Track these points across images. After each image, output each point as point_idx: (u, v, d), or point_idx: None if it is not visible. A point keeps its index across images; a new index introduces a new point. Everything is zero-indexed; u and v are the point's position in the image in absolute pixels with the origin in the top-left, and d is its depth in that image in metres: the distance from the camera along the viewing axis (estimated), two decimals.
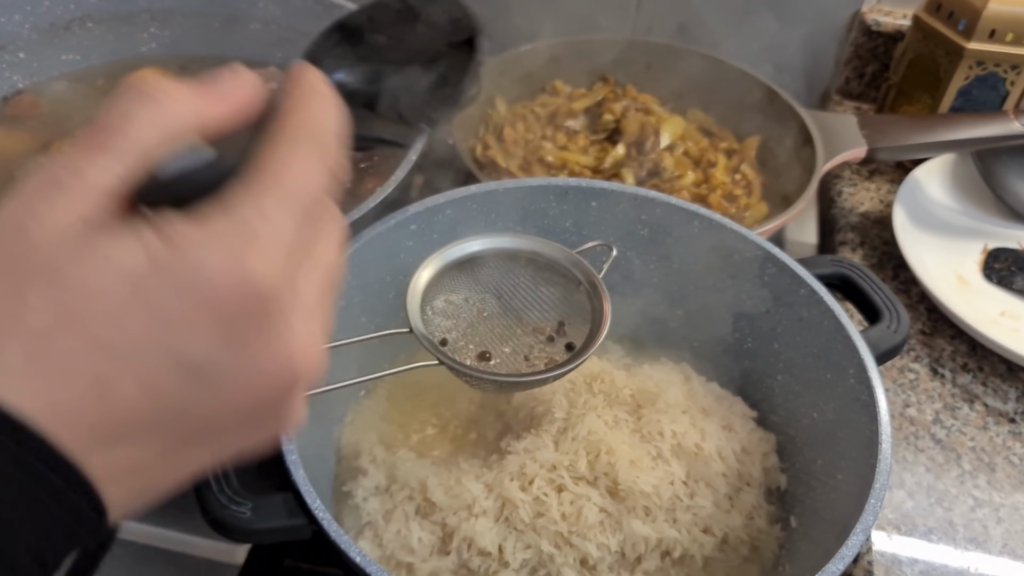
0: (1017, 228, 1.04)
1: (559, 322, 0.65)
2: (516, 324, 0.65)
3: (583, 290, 0.64)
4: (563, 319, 0.65)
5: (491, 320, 0.65)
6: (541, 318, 0.65)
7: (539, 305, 0.65)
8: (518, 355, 0.63)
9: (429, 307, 0.61)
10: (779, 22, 1.18)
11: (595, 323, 0.62)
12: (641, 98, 1.12)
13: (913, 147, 0.99)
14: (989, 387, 0.87)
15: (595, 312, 0.63)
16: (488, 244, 0.65)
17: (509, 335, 0.64)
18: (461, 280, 0.64)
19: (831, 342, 0.68)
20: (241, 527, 0.53)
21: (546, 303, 0.65)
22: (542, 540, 0.62)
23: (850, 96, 1.25)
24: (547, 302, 0.65)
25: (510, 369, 0.63)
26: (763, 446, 0.72)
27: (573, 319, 0.64)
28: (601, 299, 0.63)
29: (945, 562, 0.72)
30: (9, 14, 0.89)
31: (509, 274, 0.65)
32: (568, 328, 0.64)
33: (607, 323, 0.61)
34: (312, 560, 0.72)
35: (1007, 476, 0.79)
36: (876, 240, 1.04)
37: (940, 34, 1.05)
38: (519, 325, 0.65)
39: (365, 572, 0.51)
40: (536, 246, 0.65)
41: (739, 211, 0.99)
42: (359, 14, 0.48)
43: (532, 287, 0.66)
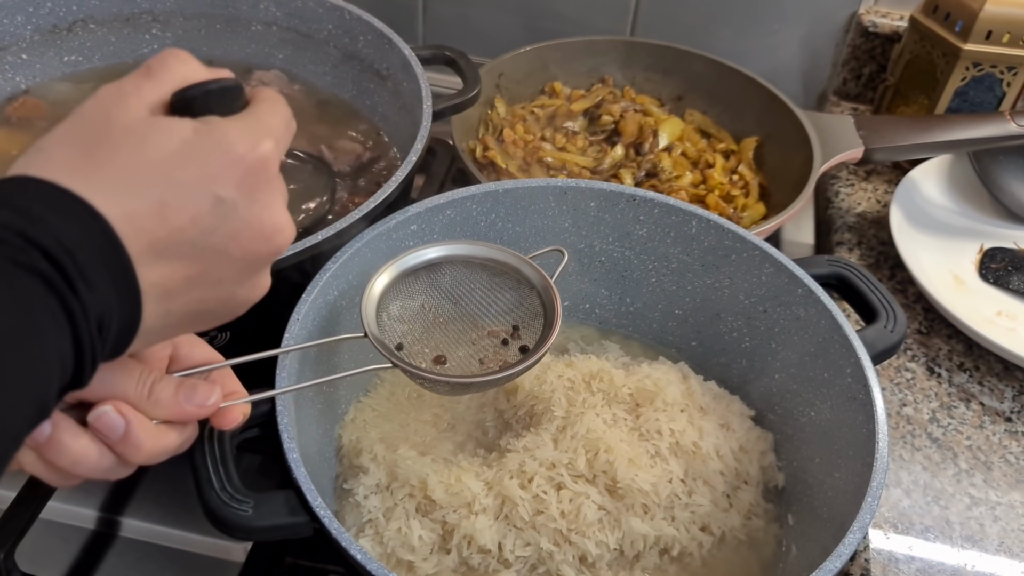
0: (1013, 228, 1.05)
1: (513, 326, 0.66)
2: (472, 328, 0.65)
3: (536, 294, 0.65)
4: (518, 323, 0.65)
5: (447, 325, 0.65)
6: (496, 322, 0.66)
7: (494, 309, 0.66)
8: (473, 358, 0.64)
9: (385, 312, 0.62)
10: (776, 24, 1.19)
11: (547, 326, 0.63)
12: (639, 99, 1.13)
13: (910, 148, 1.00)
14: (985, 386, 0.88)
15: (547, 315, 0.63)
16: (444, 251, 0.65)
17: (464, 339, 0.65)
18: (417, 286, 0.65)
19: (828, 341, 0.69)
20: (243, 525, 0.54)
21: (501, 308, 0.66)
22: (541, 538, 0.63)
23: (847, 97, 1.25)
24: (502, 307, 0.66)
25: (465, 372, 0.63)
26: (761, 444, 0.72)
27: (527, 323, 0.65)
28: (554, 302, 0.63)
29: (942, 560, 0.73)
30: (12, 15, 0.89)
31: (465, 280, 0.66)
32: (523, 331, 0.65)
33: (558, 325, 0.62)
34: (313, 558, 0.73)
35: (1003, 475, 0.80)
36: (873, 240, 1.04)
37: (937, 35, 1.05)
38: (474, 329, 0.65)
39: (366, 570, 0.51)
40: (491, 252, 0.66)
41: (737, 211, 1.00)
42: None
43: (487, 292, 0.66)
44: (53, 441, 0.44)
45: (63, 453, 0.44)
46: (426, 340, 0.64)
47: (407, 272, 0.64)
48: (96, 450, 0.45)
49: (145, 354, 0.49)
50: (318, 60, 0.97)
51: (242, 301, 0.45)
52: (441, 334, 0.65)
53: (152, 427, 0.46)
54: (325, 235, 0.67)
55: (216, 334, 0.69)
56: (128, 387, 0.46)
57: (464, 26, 1.25)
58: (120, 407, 0.45)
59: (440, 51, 0.92)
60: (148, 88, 0.41)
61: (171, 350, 0.50)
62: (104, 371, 0.45)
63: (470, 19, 1.24)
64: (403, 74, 0.88)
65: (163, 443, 0.47)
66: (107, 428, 0.45)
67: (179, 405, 0.47)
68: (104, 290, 0.37)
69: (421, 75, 0.85)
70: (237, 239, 0.41)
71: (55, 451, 0.44)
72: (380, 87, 0.93)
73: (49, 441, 0.44)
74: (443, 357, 0.64)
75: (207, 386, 0.49)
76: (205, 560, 0.74)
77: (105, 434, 0.45)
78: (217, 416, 0.50)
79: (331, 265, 0.67)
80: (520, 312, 0.66)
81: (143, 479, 0.78)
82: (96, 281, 0.36)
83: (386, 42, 0.90)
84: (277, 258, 0.44)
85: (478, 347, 0.65)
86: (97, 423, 0.44)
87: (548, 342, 0.61)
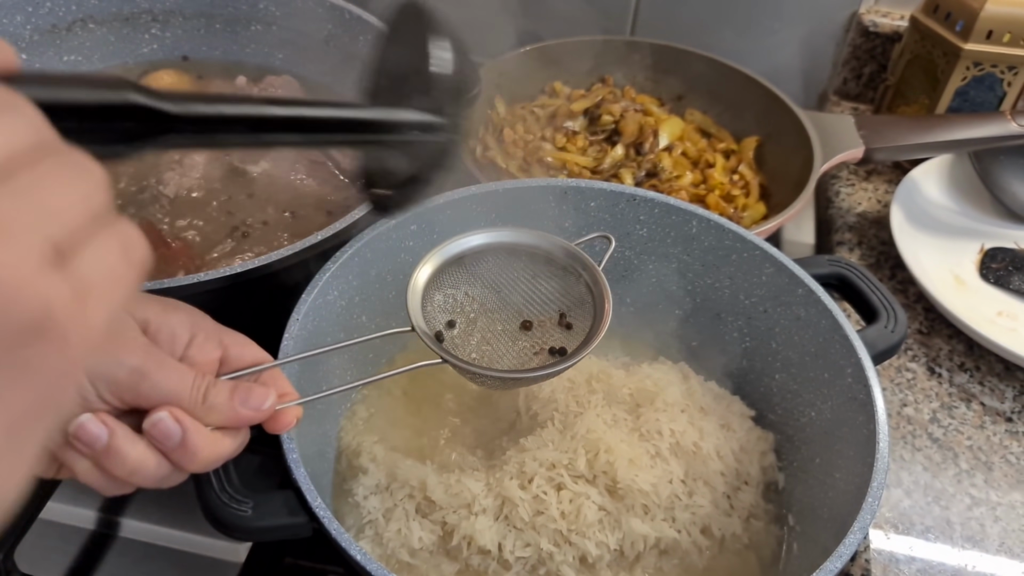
0: (1014, 228, 1.05)
1: (560, 314, 0.65)
2: (517, 317, 0.65)
3: (583, 282, 0.64)
4: (564, 311, 0.65)
5: (492, 315, 0.65)
6: (542, 311, 0.65)
7: (539, 298, 0.65)
8: (521, 349, 0.63)
9: (429, 304, 0.62)
10: (777, 23, 1.19)
11: (596, 315, 0.62)
12: (640, 99, 1.13)
13: (910, 147, 1.00)
14: (986, 386, 0.88)
15: (596, 303, 0.63)
16: (486, 239, 0.64)
17: (510, 329, 0.65)
18: (460, 276, 0.64)
19: (829, 341, 0.69)
20: (242, 525, 0.54)
21: (546, 296, 0.65)
22: (541, 538, 0.63)
23: (848, 97, 1.25)
24: (547, 295, 0.65)
25: (513, 363, 0.63)
26: (761, 445, 0.72)
27: (574, 311, 0.65)
28: (602, 290, 0.62)
29: (942, 560, 0.73)
30: (11, 15, 0.89)
31: (508, 268, 0.65)
32: (570, 319, 0.65)
33: (608, 315, 0.61)
34: (313, 558, 0.73)
35: (1004, 475, 0.79)
36: (873, 240, 1.04)
37: (937, 35, 1.05)
38: (520, 318, 0.65)
39: (366, 570, 0.51)
40: (534, 239, 0.65)
41: (737, 211, 1.00)
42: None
43: (531, 280, 0.66)
44: (111, 449, 0.43)
45: (121, 461, 0.43)
46: (471, 332, 0.64)
47: (450, 262, 0.63)
48: (154, 458, 0.44)
49: (196, 357, 0.48)
50: (318, 60, 0.97)
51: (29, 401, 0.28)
52: (486, 325, 0.64)
53: (208, 433, 0.46)
54: (325, 235, 0.67)
55: None
56: (182, 392, 0.45)
57: (464, 26, 1.25)
58: (176, 413, 0.44)
59: None
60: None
61: (221, 352, 0.50)
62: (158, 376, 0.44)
63: (470, 19, 1.24)
64: None
65: (219, 449, 0.47)
66: (163, 435, 0.44)
67: (235, 409, 0.47)
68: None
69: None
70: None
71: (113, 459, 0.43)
72: None
73: (107, 449, 0.43)
74: (490, 348, 0.63)
75: (262, 389, 0.48)
76: (205, 560, 0.74)
77: (161, 441, 0.44)
78: (272, 420, 0.49)
79: (331, 265, 0.67)
80: (566, 300, 0.65)
81: None
82: None
83: None
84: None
85: (525, 337, 0.64)
86: (153, 430, 0.44)
87: (600, 332, 0.60)
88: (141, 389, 0.44)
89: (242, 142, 0.51)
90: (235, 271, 0.63)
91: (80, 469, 0.44)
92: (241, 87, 0.95)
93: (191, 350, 0.49)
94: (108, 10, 0.94)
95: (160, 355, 0.46)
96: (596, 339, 0.60)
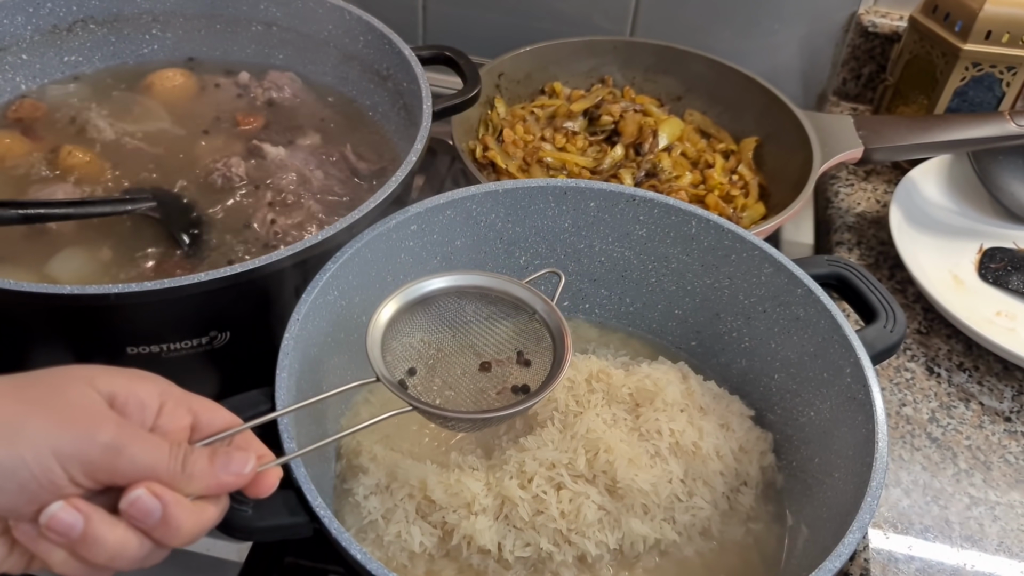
0: (1013, 228, 1.05)
1: (518, 352, 0.64)
2: (475, 359, 0.64)
3: (537, 319, 0.63)
4: (521, 349, 0.64)
5: (450, 358, 0.64)
6: (499, 351, 0.65)
7: (496, 338, 0.65)
8: (483, 390, 0.63)
9: (388, 353, 0.60)
10: (776, 24, 1.19)
11: (557, 348, 0.61)
12: (639, 99, 1.13)
13: (909, 148, 1.00)
14: (985, 386, 0.88)
15: (555, 338, 0.62)
16: (438, 284, 0.64)
17: (470, 371, 0.64)
18: (415, 323, 0.63)
19: (828, 341, 0.69)
20: (243, 525, 0.54)
21: (502, 336, 0.65)
22: (541, 538, 0.63)
23: (847, 97, 1.25)
24: (503, 335, 0.65)
25: (477, 405, 0.62)
26: (760, 445, 0.72)
27: (531, 348, 0.64)
28: (559, 324, 0.62)
29: (941, 560, 0.73)
30: (12, 16, 0.89)
31: (461, 311, 0.65)
32: (528, 356, 0.64)
33: (570, 348, 0.60)
34: (313, 558, 0.73)
35: (1003, 474, 0.80)
36: (872, 240, 1.04)
37: (936, 35, 1.05)
38: (478, 360, 0.64)
39: (366, 570, 0.51)
40: (484, 281, 0.65)
41: (736, 211, 1.00)
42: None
43: (486, 321, 0.65)
44: (88, 536, 0.41)
45: (100, 548, 0.41)
46: (432, 376, 0.63)
47: (404, 309, 0.62)
48: (135, 539, 0.42)
49: (167, 426, 0.46)
50: (318, 60, 0.97)
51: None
52: (446, 368, 0.64)
53: (188, 504, 0.44)
54: (325, 235, 0.67)
55: (216, 334, 0.70)
56: (160, 464, 0.43)
57: (464, 26, 1.25)
58: (153, 488, 0.42)
59: (440, 51, 0.92)
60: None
61: (192, 419, 0.47)
62: (133, 450, 0.42)
63: (470, 19, 1.24)
64: (403, 74, 0.88)
65: (202, 519, 0.45)
66: (143, 513, 0.42)
67: (216, 476, 0.45)
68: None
69: (421, 75, 0.85)
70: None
71: (91, 547, 0.41)
72: (380, 87, 0.93)
73: (83, 537, 0.41)
74: (453, 392, 0.62)
75: (241, 453, 0.46)
76: (205, 560, 0.74)
77: (141, 520, 0.42)
78: (253, 484, 0.47)
79: (331, 265, 0.67)
80: (523, 338, 0.65)
81: None
82: None
83: (386, 42, 0.90)
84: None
85: (486, 378, 0.64)
86: (132, 509, 0.42)
87: (564, 366, 0.60)
88: (117, 465, 0.42)
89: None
90: (235, 271, 0.63)
91: (56, 560, 0.42)
92: (244, 82, 0.95)
93: (161, 419, 0.46)
94: (109, 10, 0.94)
95: (132, 428, 0.43)
96: (562, 372, 0.59)
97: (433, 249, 0.76)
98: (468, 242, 0.77)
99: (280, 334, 0.62)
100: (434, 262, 0.77)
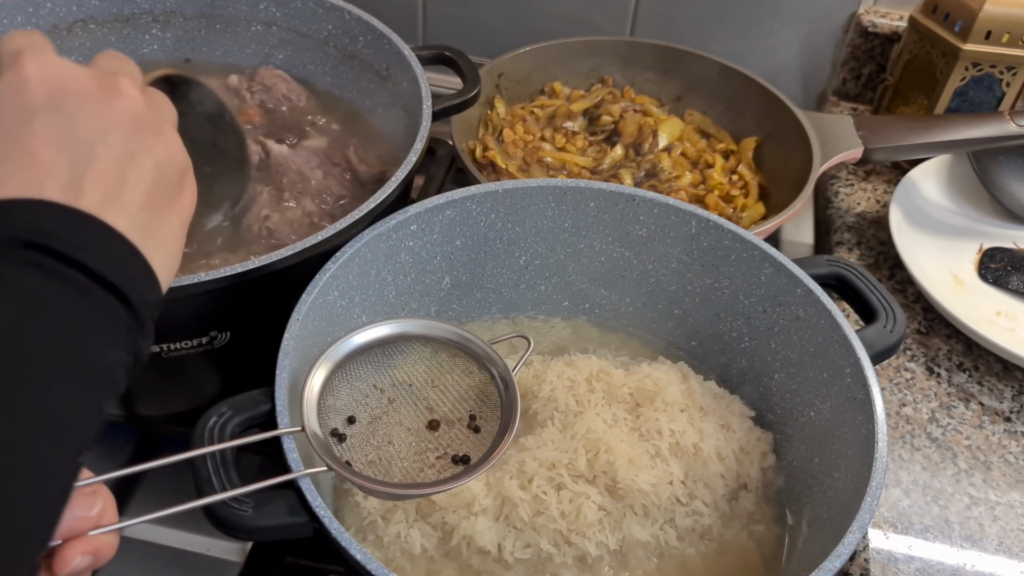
0: (1012, 228, 1.05)
1: (470, 416, 0.62)
2: (426, 415, 0.62)
3: (495, 384, 0.62)
4: (474, 413, 0.62)
5: (400, 411, 0.62)
6: (452, 411, 0.63)
7: (451, 397, 0.63)
8: (423, 451, 0.60)
9: (331, 395, 0.58)
10: (776, 24, 1.19)
11: (504, 424, 0.59)
12: (639, 99, 1.13)
13: (909, 148, 1.00)
14: (985, 386, 0.88)
15: (504, 411, 0.60)
16: (398, 329, 0.62)
17: (416, 427, 0.61)
18: (368, 367, 0.61)
19: (828, 341, 0.69)
20: (243, 525, 0.54)
21: (458, 395, 0.63)
22: (541, 538, 0.63)
23: (847, 97, 1.25)
24: (460, 394, 0.63)
25: (412, 466, 0.59)
26: (761, 446, 0.72)
27: (485, 414, 0.62)
28: (512, 398, 0.59)
29: (941, 560, 0.73)
30: (12, 16, 0.89)
31: (421, 363, 0.63)
32: (479, 423, 0.62)
33: (514, 428, 0.58)
34: (313, 557, 0.73)
35: (1003, 475, 0.80)
36: (872, 240, 1.04)
37: (936, 35, 1.05)
38: (429, 416, 0.62)
39: (366, 570, 0.51)
40: (452, 336, 0.63)
41: (736, 211, 1.00)
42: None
43: (446, 376, 0.63)
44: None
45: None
46: (374, 429, 0.60)
47: (358, 350, 0.60)
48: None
49: None
50: (318, 60, 0.97)
51: (175, 167, 0.49)
52: (394, 420, 0.61)
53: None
54: (325, 235, 0.67)
55: (216, 334, 0.70)
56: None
57: (464, 26, 1.25)
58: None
59: (440, 51, 0.92)
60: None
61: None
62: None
63: (470, 19, 1.24)
64: (403, 74, 0.88)
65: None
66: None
67: (65, 518, 0.39)
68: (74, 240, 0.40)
69: (421, 75, 0.85)
70: (107, 116, 0.45)
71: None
72: (380, 87, 0.93)
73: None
74: (392, 449, 0.59)
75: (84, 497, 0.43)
76: (205, 560, 0.74)
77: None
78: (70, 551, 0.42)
79: (331, 265, 0.67)
80: (478, 402, 0.62)
81: (143, 479, 0.78)
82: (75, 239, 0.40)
83: (386, 42, 0.90)
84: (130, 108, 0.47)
85: (431, 438, 0.61)
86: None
87: (507, 440, 0.57)
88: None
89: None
90: (235, 271, 0.63)
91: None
92: (233, 85, 0.95)
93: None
94: (108, 11, 0.94)
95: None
96: (499, 453, 0.57)
97: (433, 249, 0.76)
98: (468, 242, 0.77)
99: (280, 334, 0.62)
100: (434, 262, 0.77)
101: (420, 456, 0.60)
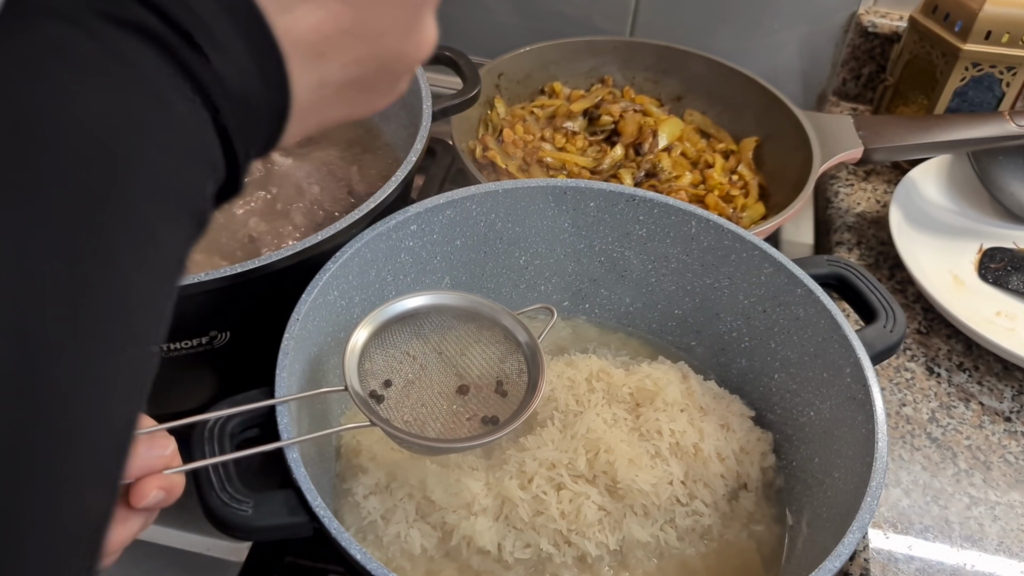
0: (1012, 228, 1.05)
1: (498, 381, 0.64)
2: (455, 381, 0.65)
3: (522, 352, 0.63)
4: (501, 379, 0.64)
5: (431, 376, 0.64)
6: (480, 377, 0.65)
7: (479, 364, 0.65)
8: (454, 413, 0.63)
9: (369, 361, 0.61)
10: (776, 24, 1.19)
11: (531, 387, 0.61)
12: (639, 99, 1.13)
13: (909, 148, 1.00)
14: (985, 386, 0.88)
15: (531, 376, 0.62)
16: (430, 300, 0.64)
17: (447, 392, 0.64)
18: (401, 336, 0.64)
19: (827, 341, 0.69)
20: (243, 525, 0.54)
21: (486, 362, 0.65)
22: (541, 538, 0.63)
23: (847, 97, 1.25)
24: (487, 361, 0.65)
25: (444, 427, 0.62)
26: (761, 446, 0.72)
27: (511, 380, 0.64)
28: (539, 364, 0.62)
29: (941, 560, 0.73)
30: None
31: (452, 331, 0.65)
32: (506, 387, 0.64)
33: (541, 391, 0.60)
34: (313, 557, 0.73)
35: (1003, 474, 0.80)
36: (872, 240, 1.04)
37: (936, 35, 1.05)
38: (458, 382, 0.65)
39: (366, 570, 0.51)
40: (476, 306, 0.65)
41: (736, 211, 1.00)
42: None
43: (474, 345, 0.65)
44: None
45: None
46: (408, 392, 0.63)
47: (392, 320, 0.63)
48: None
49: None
50: None
51: (408, 62, 0.35)
52: (425, 386, 0.64)
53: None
54: (325, 235, 0.67)
55: (216, 334, 0.70)
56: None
57: (464, 26, 1.25)
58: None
59: (440, 51, 0.92)
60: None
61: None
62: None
63: (470, 19, 1.24)
64: None
65: (128, 531, 0.42)
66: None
67: (140, 457, 0.41)
68: (236, 53, 0.27)
69: (421, 75, 0.85)
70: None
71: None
72: None
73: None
74: (424, 411, 0.62)
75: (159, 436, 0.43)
76: (205, 560, 0.74)
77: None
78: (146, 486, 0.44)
79: (331, 265, 0.67)
80: (505, 368, 0.64)
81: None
82: (224, 40, 0.27)
83: None
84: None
85: (460, 402, 0.64)
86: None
87: (531, 405, 0.60)
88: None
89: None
90: (235, 271, 0.63)
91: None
92: None
93: None
94: None
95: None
96: (526, 413, 0.60)
97: (433, 249, 0.76)
98: (468, 242, 0.77)
99: (280, 334, 0.62)
100: (434, 262, 0.77)
101: (452, 417, 0.62)
